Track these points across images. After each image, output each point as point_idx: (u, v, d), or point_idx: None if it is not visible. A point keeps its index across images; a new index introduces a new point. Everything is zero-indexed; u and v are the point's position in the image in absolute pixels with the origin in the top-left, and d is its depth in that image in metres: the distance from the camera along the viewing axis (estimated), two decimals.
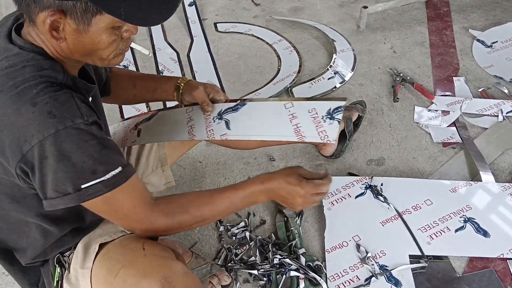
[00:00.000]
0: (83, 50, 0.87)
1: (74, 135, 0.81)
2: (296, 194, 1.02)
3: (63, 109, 0.81)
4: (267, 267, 1.41)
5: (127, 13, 0.79)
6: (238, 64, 2.30)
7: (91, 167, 0.83)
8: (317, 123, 1.11)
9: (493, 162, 1.72)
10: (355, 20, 2.54)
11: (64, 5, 0.79)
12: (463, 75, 2.14)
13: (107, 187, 0.86)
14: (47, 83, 0.83)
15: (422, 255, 1.40)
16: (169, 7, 0.85)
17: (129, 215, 0.94)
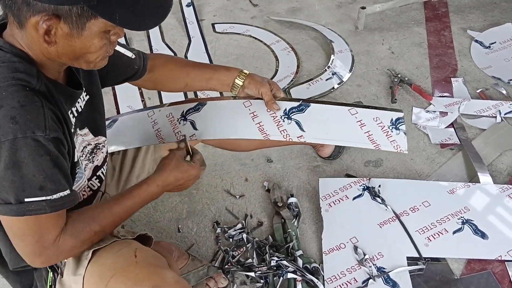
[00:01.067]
0: (72, 54, 0.86)
1: (31, 146, 0.79)
2: (191, 176, 1.10)
3: (28, 117, 0.79)
4: (264, 269, 1.40)
5: (121, 18, 0.80)
6: (235, 65, 2.29)
7: (40, 182, 0.81)
8: (385, 132, 1.20)
9: (491, 164, 1.72)
10: (353, 21, 2.54)
11: (60, 10, 0.78)
12: (461, 76, 2.13)
13: (51, 207, 0.84)
14: (18, 86, 0.81)
15: (420, 257, 1.39)
16: (162, 12, 0.85)
17: (41, 241, 0.89)
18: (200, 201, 1.66)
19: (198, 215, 1.61)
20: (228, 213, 1.61)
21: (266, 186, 1.68)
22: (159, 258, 1.01)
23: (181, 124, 1.24)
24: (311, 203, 1.62)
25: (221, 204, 1.64)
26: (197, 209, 1.63)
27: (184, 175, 1.09)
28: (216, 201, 1.65)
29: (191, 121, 1.24)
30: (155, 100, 2.11)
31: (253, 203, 1.63)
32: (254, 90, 1.24)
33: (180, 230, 1.56)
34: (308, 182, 1.69)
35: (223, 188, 1.69)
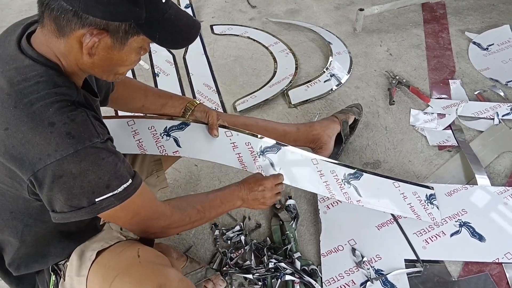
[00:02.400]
0: (106, 66, 0.90)
1: (92, 153, 0.84)
2: (264, 186, 1.26)
3: (80, 129, 0.83)
4: (262, 271, 1.41)
5: (161, 37, 0.87)
6: (234, 66, 2.30)
7: (106, 182, 0.86)
8: (423, 205, 1.46)
9: (489, 165, 1.72)
10: (351, 22, 2.54)
11: (110, 25, 0.82)
12: (459, 77, 2.14)
13: (119, 199, 0.90)
14: (62, 102, 0.84)
15: (418, 259, 1.40)
16: (194, 33, 0.94)
17: (148, 216, 1.00)
18: None
19: None
20: (226, 215, 1.61)
21: None
22: (162, 257, 1.01)
23: (164, 139, 1.33)
24: (309, 205, 1.62)
25: None
26: None
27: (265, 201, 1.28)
28: None
29: (174, 137, 1.33)
30: None
31: None
32: (202, 114, 1.34)
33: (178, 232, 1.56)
34: None
35: None
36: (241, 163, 1.36)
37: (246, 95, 2.09)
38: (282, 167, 1.39)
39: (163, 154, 1.32)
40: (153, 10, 0.84)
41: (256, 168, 1.36)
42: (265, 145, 1.38)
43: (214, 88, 2.15)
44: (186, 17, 0.93)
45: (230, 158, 1.36)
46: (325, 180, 1.41)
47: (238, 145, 1.36)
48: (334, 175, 1.42)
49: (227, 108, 2.05)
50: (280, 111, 2.02)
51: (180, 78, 2.22)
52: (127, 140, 1.31)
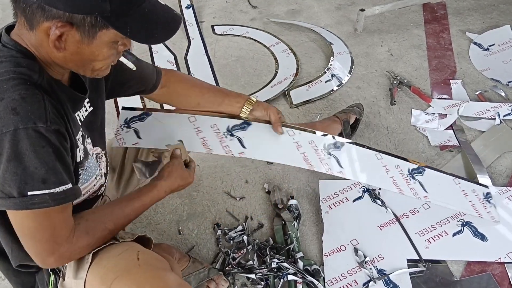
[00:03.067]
0: (79, 61, 0.87)
1: (33, 137, 0.79)
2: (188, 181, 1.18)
3: (28, 109, 0.80)
4: (265, 271, 1.41)
5: (132, 31, 0.84)
6: (235, 66, 2.30)
7: (42, 175, 0.81)
8: (483, 204, 1.44)
9: (490, 166, 1.73)
10: (352, 23, 2.54)
11: (74, 18, 0.80)
12: (460, 78, 2.14)
13: (54, 200, 0.83)
14: (20, 80, 0.82)
15: (420, 259, 1.40)
16: (172, 27, 0.89)
17: (54, 237, 0.89)
18: (201, 203, 1.66)
19: (198, 217, 1.61)
20: (228, 215, 1.61)
21: (266, 188, 1.68)
22: (161, 260, 1.01)
23: (228, 138, 1.31)
24: (311, 205, 1.62)
25: (222, 206, 1.64)
26: (197, 211, 1.63)
27: (184, 183, 1.17)
28: (216, 203, 1.65)
29: (238, 138, 1.31)
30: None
31: (253, 205, 1.64)
32: (262, 112, 1.33)
33: (180, 232, 1.57)
34: (308, 184, 1.69)
35: (223, 190, 1.69)
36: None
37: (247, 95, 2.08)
38: (347, 165, 1.37)
39: (229, 154, 1.29)
40: (119, 2, 0.81)
41: (323, 166, 1.33)
42: (328, 142, 1.37)
43: None
44: (164, 10, 0.88)
45: (295, 158, 1.33)
46: (391, 175, 1.38)
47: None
48: (399, 170, 1.40)
49: None
50: (281, 111, 2.00)
51: None
52: (190, 138, 1.28)
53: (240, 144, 1.30)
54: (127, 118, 1.23)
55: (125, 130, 1.22)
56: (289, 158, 1.33)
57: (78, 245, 0.93)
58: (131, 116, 1.24)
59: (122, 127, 1.22)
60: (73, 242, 0.92)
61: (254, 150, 1.30)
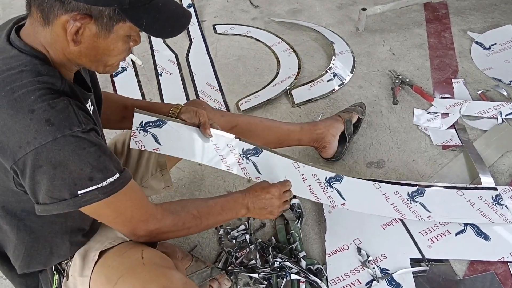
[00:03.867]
0: (94, 55, 0.88)
1: (72, 142, 0.81)
2: (272, 195, 1.21)
3: (61, 117, 0.81)
4: (268, 271, 1.40)
5: (147, 24, 0.85)
6: (237, 66, 2.30)
7: (88, 174, 0.84)
8: (492, 208, 1.48)
9: (493, 165, 1.72)
10: (354, 22, 2.54)
11: (93, 10, 0.81)
12: (462, 77, 2.14)
13: (104, 193, 0.86)
14: (45, 90, 0.82)
15: (423, 258, 1.40)
16: (183, 22, 0.91)
17: (134, 217, 0.96)
18: None
19: None
20: None
21: None
22: (166, 259, 1.01)
23: (244, 161, 1.31)
24: (313, 204, 1.62)
25: None
26: None
27: (264, 190, 1.21)
28: None
29: (253, 162, 1.33)
30: (156, 101, 2.11)
31: None
32: (191, 114, 1.26)
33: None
34: None
35: (225, 189, 1.69)
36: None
37: (249, 94, 2.09)
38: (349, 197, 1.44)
39: (247, 177, 1.32)
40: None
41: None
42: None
43: (217, 87, 2.15)
44: (176, 5, 0.90)
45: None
46: (391, 202, 1.46)
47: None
48: (399, 196, 1.48)
49: (230, 108, 2.04)
50: (283, 111, 2.02)
51: (183, 77, 2.22)
52: (207, 152, 1.28)
53: (255, 168, 1.33)
54: (142, 121, 1.20)
55: (142, 134, 1.19)
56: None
57: (164, 222, 1.00)
58: (147, 120, 1.20)
59: (138, 130, 1.19)
60: (159, 219, 0.99)
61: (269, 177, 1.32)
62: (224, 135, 1.30)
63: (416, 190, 1.48)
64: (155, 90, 2.17)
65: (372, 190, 1.47)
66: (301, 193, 1.40)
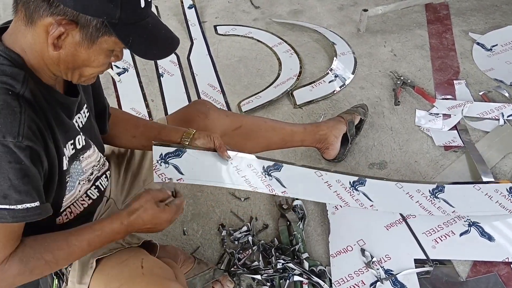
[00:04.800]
0: (72, 63, 0.85)
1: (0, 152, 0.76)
2: (162, 220, 1.00)
3: (1, 121, 0.76)
4: (270, 272, 1.40)
5: (133, 42, 0.82)
6: (238, 67, 2.29)
7: (4, 190, 0.78)
8: (509, 199, 1.48)
9: (495, 166, 1.72)
10: (355, 23, 2.54)
11: (81, 18, 0.78)
12: (464, 78, 2.14)
13: (13, 217, 0.79)
14: (0, 89, 0.79)
15: (428, 259, 1.39)
16: (170, 46, 0.89)
17: None
18: (205, 203, 1.65)
19: (203, 217, 1.61)
20: (233, 216, 1.60)
21: None
22: (166, 269, 1.00)
23: (267, 178, 1.30)
24: (315, 205, 1.61)
25: (226, 206, 1.64)
26: (202, 211, 1.63)
27: (152, 220, 0.99)
28: (221, 204, 1.65)
29: (276, 178, 1.31)
30: (158, 102, 2.10)
31: (258, 206, 1.63)
32: (206, 138, 1.20)
33: (185, 233, 1.56)
34: None
35: (227, 191, 1.68)
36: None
37: (251, 95, 2.08)
38: (375, 196, 1.43)
39: (273, 193, 1.30)
40: (129, 11, 0.80)
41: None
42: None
43: (219, 88, 2.15)
44: (166, 30, 0.89)
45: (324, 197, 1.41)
46: (416, 200, 1.46)
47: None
48: (422, 194, 1.47)
49: (232, 108, 2.04)
50: (285, 112, 2.01)
51: (185, 78, 2.21)
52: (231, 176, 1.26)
53: (280, 184, 1.31)
54: (162, 153, 1.18)
55: (164, 166, 1.18)
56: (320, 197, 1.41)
57: (8, 273, 0.84)
58: (166, 152, 1.19)
59: (159, 162, 1.18)
60: (4, 269, 0.83)
61: (295, 190, 1.33)
62: (243, 156, 1.27)
63: (436, 187, 1.48)
64: (157, 91, 2.16)
65: (395, 189, 1.47)
66: (329, 199, 1.41)
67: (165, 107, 2.06)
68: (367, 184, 1.43)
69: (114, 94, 2.13)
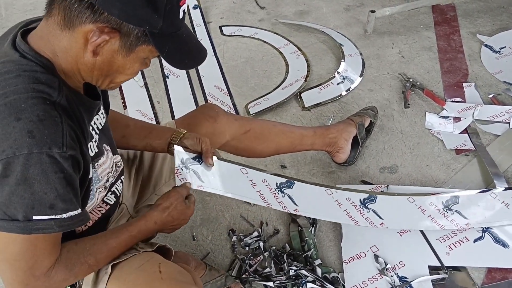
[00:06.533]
0: (106, 70, 0.86)
1: (46, 163, 0.76)
2: (187, 217, 1.09)
3: (45, 132, 0.76)
4: (283, 279, 1.38)
5: (169, 53, 0.84)
6: (245, 68, 2.27)
7: (51, 200, 0.78)
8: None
9: (507, 170, 1.70)
10: (362, 24, 2.51)
11: (123, 26, 0.79)
12: (473, 80, 2.12)
13: (60, 227, 0.81)
14: (38, 99, 0.78)
15: (442, 265, 1.37)
16: (201, 57, 0.91)
17: (34, 269, 0.83)
18: (214, 208, 1.63)
19: (212, 222, 1.58)
20: (243, 221, 1.58)
21: None
22: (184, 274, 0.97)
23: (280, 195, 1.31)
24: None
25: (236, 211, 1.61)
26: (211, 216, 1.60)
27: (180, 217, 1.07)
28: (230, 208, 1.62)
29: (289, 195, 1.32)
30: (164, 104, 2.07)
31: (268, 210, 1.60)
32: (194, 140, 1.18)
33: (195, 238, 1.53)
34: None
35: None
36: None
37: (258, 97, 2.06)
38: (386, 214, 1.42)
39: (285, 210, 1.30)
40: (170, 22, 0.82)
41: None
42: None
43: (226, 90, 2.12)
44: (196, 40, 0.91)
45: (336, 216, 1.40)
46: (428, 215, 1.45)
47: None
48: (435, 207, 1.46)
49: (239, 111, 2.02)
50: (293, 114, 1.99)
51: (191, 80, 2.19)
52: (245, 188, 1.27)
53: (292, 201, 1.32)
54: (183, 158, 1.17)
55: (185, 171, 1.17)
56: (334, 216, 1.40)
57: (55, 279, 0.86)
58: (186, 157, 1.18)
59: (181, 167, 1.17)
60: (50, 276, 0.85)
61: (306, 207, 1.34)
62: (230, 166, 1.27)
63: (451, 199, 1.47)
64: (163, 92, 2.14)
65: (407, 204, 1.45)
66: (339, 219, 1.39)
67: (172, 109, 2.04)
68: (377, 201, 1.42)
69: (120, 95, 2.10)
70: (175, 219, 1.06)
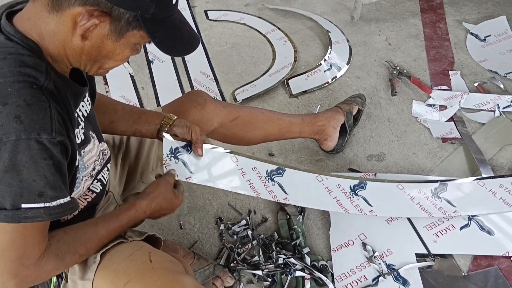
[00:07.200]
0: (95, 55, 0.83)
1: (35, 149, 0.74)
2: (175, 206, 1.09)
3: (33, 117, 0.74)
4: (272, 267, 1.37)
5: (160, 39, 0.82)
6: (231, 54, 2.23)
7: (40, 188, 0.76)
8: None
9: (492, 158, 1.72)
10: (349, 10, 2.49)
11: (114, 10, 0.76)
12: (459, 69, 2.12)
13: (49, 215, 0.79)
14: (25, 83, 0.75)
15: (429, 253, 1.38)
16: (193, 44, 0.89)
17: (23, 259, 0.81)
18: (201, 196, 1.60)
19: (200, 210, 1.56)
20: (231, 209, 1.56)
21: None
22: (175, 263, 0.96)
23: (270, 184, 1.28)
24: None
25: (223, 199, 1.60)
26: (198, 204, 1.58)
27: (169, 206, 1.07)
28: (217, 196, 1.60)
29: (279, 183, 1.29)
30: (149, 90, 2.03)
31: (256, 199, 1.59)
32: (183, 129, 1.15)
33: (182, 227, 1.51)
34: None
35: None
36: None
37: (245, 84, 2.03)
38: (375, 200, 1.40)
39: (275, 200, 1.29)
40: (162, 7, 0.79)
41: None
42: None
43: (212, 76, 2.08)
44: (189, 26, 0.89)
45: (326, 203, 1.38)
46: (417, 202, 1.44)
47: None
48: (423, 194, 1.45)
49: (226, 98, 1.99)
50: (281, 101, 1.97)
51: (176, 65, 2.14)
52: (236, 178, 1.24)
53: (282, 190, 1.29)
54: (172, 147, 1.14)
55: (173, 161, 1.13)
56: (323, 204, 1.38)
57: (45, 269, 0.85)
58: (176, 146, 1.14)
59: (169, 157, 1.13)
60: (40, 265, 0.84)
61: (296, 196, 1.31)
62: (217, 149, 1.21)
63: (439, 186, 1.46)
64: (147, 78, 2.09)
65: (396, 192, 1.44)
66: (329, 206, 1.38)
67: (157, 95, 1.99)
68: (367, 187, 1.41)
69: (103, 80, 2.04)
70: (163, 208, 1.06)
